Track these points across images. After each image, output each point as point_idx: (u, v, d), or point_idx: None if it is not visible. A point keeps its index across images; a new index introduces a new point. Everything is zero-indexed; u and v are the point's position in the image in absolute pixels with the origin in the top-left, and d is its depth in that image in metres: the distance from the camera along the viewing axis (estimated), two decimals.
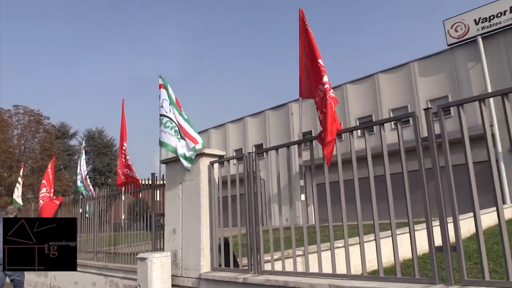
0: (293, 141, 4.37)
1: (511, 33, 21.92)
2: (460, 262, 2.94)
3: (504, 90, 2.82)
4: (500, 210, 2.76)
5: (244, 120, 35.26)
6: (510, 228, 3.01)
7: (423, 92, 24.45)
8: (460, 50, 23.63)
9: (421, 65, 25.12)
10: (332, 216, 3.84)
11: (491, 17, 22.50)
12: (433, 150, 3.06)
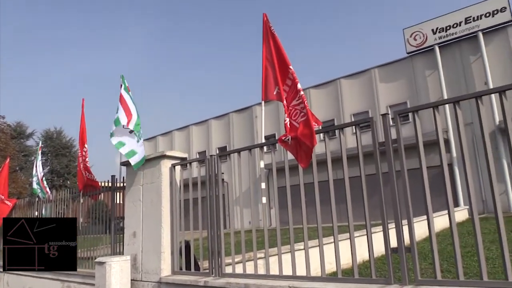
0: (254, 144, 4.40)
1: (466, 43, 22.94)
2: (414, 263, 3.04)
3: (456, 98, 2.95)
4: (451, 213, 2.89)
5: (208, 123, 35.13)
6: (464, 230, 3.13)
7: (384, 98, 25.18)
8: (419, 58, 24.50)
9: (381, 71, 25.87)
10: (293, 218, 3.89)
11: (448, 28, 23.46)
12: (389, 154, 3.16)
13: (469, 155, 7.25)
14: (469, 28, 22.75)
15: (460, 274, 2.85)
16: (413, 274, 3.07)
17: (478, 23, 22.51)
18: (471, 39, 22.71)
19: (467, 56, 22.76)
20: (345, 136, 3.57)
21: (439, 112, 3.03)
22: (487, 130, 2.87)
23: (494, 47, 22.00)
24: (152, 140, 39.44)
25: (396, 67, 25.43)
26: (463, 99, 2.94)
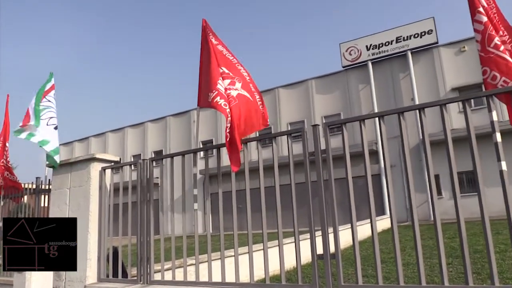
0: (188, 150, 4.36)
1: (396, 60, 24.40)
2: (337, 269, 3.17)
3: (381, 113, 3.13)
4: (373, 221, 3.05)
5: (144, 125, 34.31)
6: (389, 236, 3.30)
7: (319, 108, 26.06)
8: (353, 72, 25.68)
9: (318, 83, 26.78)
10: (226, 225, 3.90)
11: (380, 45, 24.82)
12: (318, 164, 3.28)
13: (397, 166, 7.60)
14: (400, 47, 24.25)
15: (379, 279, 3.01)
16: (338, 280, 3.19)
17: (408, 42, 24.05)
18: (401, 57, 24.20)
19: (397, 73, 24.20)
20: (277, 145, 3.66)
21: (365, 125, 3.19)
22: (407, 144, 3.07)
23: (421, 66, 23.59)
24: (84, 141, 37.80)
25: (331, 79, 26.46)
26: (387, 114, 3.13)
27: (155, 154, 32.05)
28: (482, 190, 2.69)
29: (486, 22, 3.06)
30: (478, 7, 3.13)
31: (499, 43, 2.98)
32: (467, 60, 21.53)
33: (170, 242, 4.74)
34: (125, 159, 33.23)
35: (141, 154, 33.08)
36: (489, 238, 2.64)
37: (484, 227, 2.66)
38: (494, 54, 3.00)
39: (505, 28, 3.12)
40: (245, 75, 4.40)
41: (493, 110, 2.77)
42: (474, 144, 2.76)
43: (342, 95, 25.73)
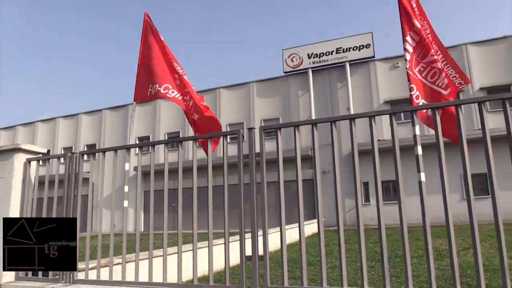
0: (121, 145, 4.24)
1: (335, 70, 25.32)
2: (265, 270, 3.23)
3: (315, 120, 3.24)
4: (301, 224, 3.14)
5: (78, 117, 32.80)
6: (318, 240, 3.39)
7: (259, 111, 26.38)
8: (294, 78, 26.29)
9: (259, 86, 27.11)
10: (157, 224, 3.84)
11: (321, 54, 25.64)
12: (252, 167, 3.33)
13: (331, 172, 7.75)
14: (339, 57, 25.21)
15: (304, 281, 3.11)
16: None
17: (347, 54, 25.05)
18: (339, 67, 25.15)
19: (335, 82, 25.11)
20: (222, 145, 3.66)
21: (299, 131, 3.28)
22: (337, 151, 3.19)
23: (357, 78, 24.66)
24: (11, 130, 35.41)
25: (273, 84, 26.91)
26: (320, 122, 3.24)
27: (88, 147, 30.72)
28: (402, 198, 2.87)
29: (414, 47, 3.29)
30: (410, 30, 3.35)
31: (422, 69, 3.23)
32: (400, 76, 22.80)
33: (97, 240, 4.57)
34: (55, 152, 31.56)
35: (73, 147, 31.59)
36: (406, 243, 2.82)
37: (402, 233, 2.83)
38: (418, 77, 3.23)
39: (438, 47, 3.38)
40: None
41: (416, 125, 2.96)
42: (398, 155, 2.94)
43: (282, 100, 26.25)
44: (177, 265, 3.63)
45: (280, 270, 6.50)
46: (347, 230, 5.27)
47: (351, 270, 7.07)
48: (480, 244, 2.69)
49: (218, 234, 4.04)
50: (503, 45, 22.25)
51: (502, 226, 2.64)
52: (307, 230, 13.10)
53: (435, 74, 3.21)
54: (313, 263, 8.05)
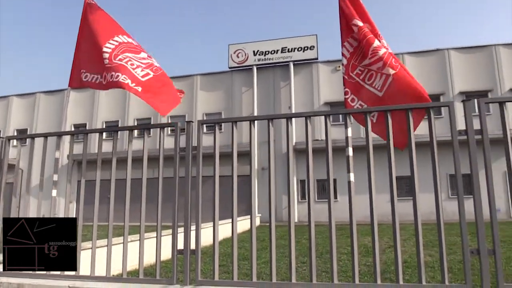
0: (52, 132, 4.03)
1: (279, 69, 25.68)
2: (196, 265, 3.22)
3: (254, 117, 3.29)
4: (234, 220, 3.17)
5: (9, 99, 30.71)
6: (257, 234, 3.43)
7: (201, 105, 26.19)
8: (239, 74, 26.34)
9: (203, 80, 26.89)
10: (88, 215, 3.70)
11: (267, 52, 25.89)
12: (188, 160, 3.30)
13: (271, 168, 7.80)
14: (284, 57, 25.58)
15: (234, 275, 3.15)
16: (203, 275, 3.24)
17: (291, 54, 25.49)
18: (283, 67, 25.54)
19: (279, 81, 25.48)
20: (158, 136, 3.58)
21: (236, 127, 3.30)
22: (272, 148, 3.25)
23: (300, 78, 25.18)
24: None
25: (217, 78, 26.80)
26: (258, 119, 3.30)
27: (18, 132, 28.89)
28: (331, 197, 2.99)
29: (352, 52, 3.42)
30: (348, 35, 3.48)
31: (360, 72, 3.37)
32: (340, 79, 23.45)
33: None
34: None
35: (1, 131, 29.57)
36: (334, 240, 2.95)
37: (330, 231, 2.95)
38: (355, 80, 3.36)
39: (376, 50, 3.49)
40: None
41: (348, 127, 3.09)
42: (330, 155, 3.06)
43: (225, 95, 26.24)
44: (106, 259, 3.53)
45: (218, 265, 6.56)
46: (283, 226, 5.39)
47: (284, 265, 7.23)
48: (405, 242, 2.87)
49: (152, 228, 3.97)
50: (482, 53, 23.59)
51: (421, 226, 2.83)
52: (245, 225, 13.23)
53: (372, 76, 3.37)
54: (247, 258, 8.13)
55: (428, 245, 8.50)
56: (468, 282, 2.75)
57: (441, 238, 2.86)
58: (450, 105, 2.98)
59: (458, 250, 7.53)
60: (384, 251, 8.14)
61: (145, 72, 3.61)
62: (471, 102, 2.92)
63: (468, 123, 2.88)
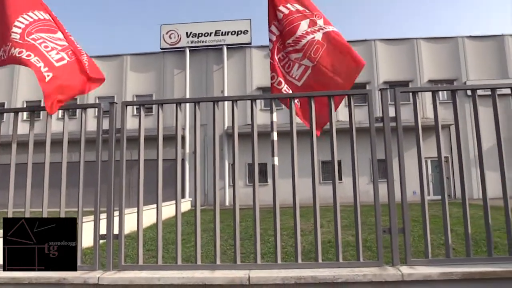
0: None
1: (212, 52, 25.40)
2: (119, 249, 3.16)
3: (178, 100, 3.23)
4: (158, 206, 3.14)
5: None
6: (183, 220, 3.41)
7: (132, 86, 25.30)
8: (171, 56, 25.69)
9: (134, 60, 25.92)
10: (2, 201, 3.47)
11: (200, 35, 25.46)
12: (111, 143, 3.19)
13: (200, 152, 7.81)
14: (217, 40, 25.31)
15: (159, 259, 3.13)
16: (129, 260, 3.17)
17: (225, 38, 25.28)
18: (217, 50, 25.30)
19: (212, 64, 25.23)
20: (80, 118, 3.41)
21: (162, 110, 3.24)
22: (199, 132, 3.24)
23: (233, 62, 25.12)
24: None
25: (148, 59, 25.93)
26: (184, 102, 3.26)
27: None
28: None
29: (278, 36, 3.46)
30: (274, 19, 3.51)
31: (282, 58, 3.43)
32: None
33: None
34: None
35: None
36: (257, 222, 3.02)
37: (254, 214, 3.02)
38: (280, 65, 3.42)
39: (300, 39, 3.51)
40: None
41: (274, 112, 3.16)
42: (255, 139, 3.11)
43: (157, 76, 25.51)
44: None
45: (145, 250, 6.46)
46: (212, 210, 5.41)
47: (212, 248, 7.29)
48: (329, 223, 3.02)
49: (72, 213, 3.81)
50: (405, 46, 24.73)
51: (339, 207, 2.99)
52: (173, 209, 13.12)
53: (289, 66, 3.44)
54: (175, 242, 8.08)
55: (351, 225, 8.96)
56: (380, 258, 2.96)
57: (357, 219, 3.04)
58: (368, 93, 3.14)
59: None
60: (310, 232, 8.47)
61: (60, 56, 3.35)
62: (387, 91, 3.10)
63: (384, 110, 3.07)
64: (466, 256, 3.03)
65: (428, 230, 3.02)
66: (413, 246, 6.59)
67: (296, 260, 2.99)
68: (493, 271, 2.75)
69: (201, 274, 2.88)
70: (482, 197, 3.13)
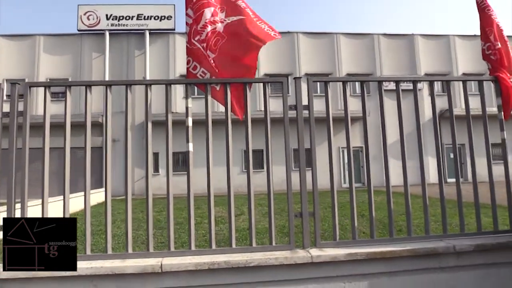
0: None
1: (134, 37, 24.46)
2: None
3: (88, 82, 3.06)
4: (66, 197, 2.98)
5: None
6: (101, 209, 3.24)
7: (44, 68, 23.63)
8: (89, 38, 24.34)
9: (47, 41, 24.18)
10: None
11: (121, 17, 24.36)
12: (13, 129, 2.94)
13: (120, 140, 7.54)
14: (139, 24, 24.40)
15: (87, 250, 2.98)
16: None
17: (148, 22, 24.44)
18: (139, 35, 24.40)
19: (133, 49, 24.31)
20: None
21: (70, 92, 3.05)
22: (109, 119, 3.11)
23: (156, 48, 24.40)
24: None
25: (64, 40, 24.33)
26: (94, 85, 3.10)
27: None
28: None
29: (194, 18, 3.39)
30: (190, 3, 3.43)
31: (202, 38, 3.35)
32: None
33: None
34: None
35: None
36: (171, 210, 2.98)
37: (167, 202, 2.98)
38: (197, 47, 3.36)
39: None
40: None
41: (189, 98, 3.12)
42: (170, 126, 3.06)
43: (73, 59, 24.01)
44: None
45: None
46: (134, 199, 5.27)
47: (134, 238, 7.10)
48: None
49: None
50: (326, 39, 25.45)
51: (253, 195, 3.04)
52: (94, 199, 12.54)
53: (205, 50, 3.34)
54: (93, 233, 7.77)
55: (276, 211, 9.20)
56: (292, 242, 3.07)
57: (270, 205, 3.12)
58: (283, 82, 3.21)
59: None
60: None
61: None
62: (300, 79, 3.19)
63: (298, 98, 3.16)
64: (371, 237, 3.23)
65: (336, 215, 3.18)
66: (327, 231, 6.93)
67: (210, 246, 3.00)
68: (392, 251, 2.97)
69: (111, 264, 2.79)
70: (386, 185, 3.35)
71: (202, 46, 3.33)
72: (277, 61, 24.91)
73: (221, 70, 3.27)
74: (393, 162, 4.27)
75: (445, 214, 3.40)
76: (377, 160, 4.26)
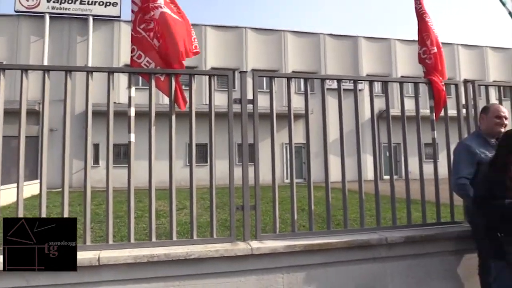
0: None
1: (76, 22, 23.43)
2: None
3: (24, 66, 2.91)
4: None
5: None
6: (35, 202, 3.09)
7: None
8: (27, 21, 22.99)
9: None
10: None
11: (63, 1, 23.19)
12: None
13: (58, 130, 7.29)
14: (83, 9, 23.36)
15: None
16: None
17: (91, 8, 23.46)
18: (82, 20, 23.37)
19: (75, 35, 23.27)
20: None
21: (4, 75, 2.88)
22: (47, 106, 2.98)
23: (100, 35, 23.51)
24: None
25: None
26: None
27: None
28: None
29: (140, 6, 3.32)
30: None
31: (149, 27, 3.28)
32: None
33: None
34: None
35: None
36: (111, 203, 2.92)
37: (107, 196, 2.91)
38: (142, 35, 3.30)
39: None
40: None
41: (132, 87, 3.06)
42: (111, 116, 2.99)
43: (9, 42, 22.54)
44: None
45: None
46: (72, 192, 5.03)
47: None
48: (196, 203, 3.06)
49: None
50: (274, 36, 25.49)
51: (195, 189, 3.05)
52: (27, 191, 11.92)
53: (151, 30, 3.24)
54: None
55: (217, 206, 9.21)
56: (232, 234, 3.11)
57: (212, 198, 3.14)
58: (229, 75, 3.25)
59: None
60: (176, 213, 8.47)
61: None
62: (246, 74, 3.22)
63: (242, 92, 3.19)
64: (309, 230, 3.34)
65: (277, 209, 3.26)
66: (268, 224, 7.06)
67: (150, 239, 2.98)
68: (329, 242, 3.10)
69: None
70: (325, 180, 3.48)
71: (148, 35, 3.27)
72: (224, 55, 24.86)
73: (165, 59, 3.22)
74: (333, 159, 4.44)
75: (379, 209, 3.59)
76: (318, 157, 4.40)
